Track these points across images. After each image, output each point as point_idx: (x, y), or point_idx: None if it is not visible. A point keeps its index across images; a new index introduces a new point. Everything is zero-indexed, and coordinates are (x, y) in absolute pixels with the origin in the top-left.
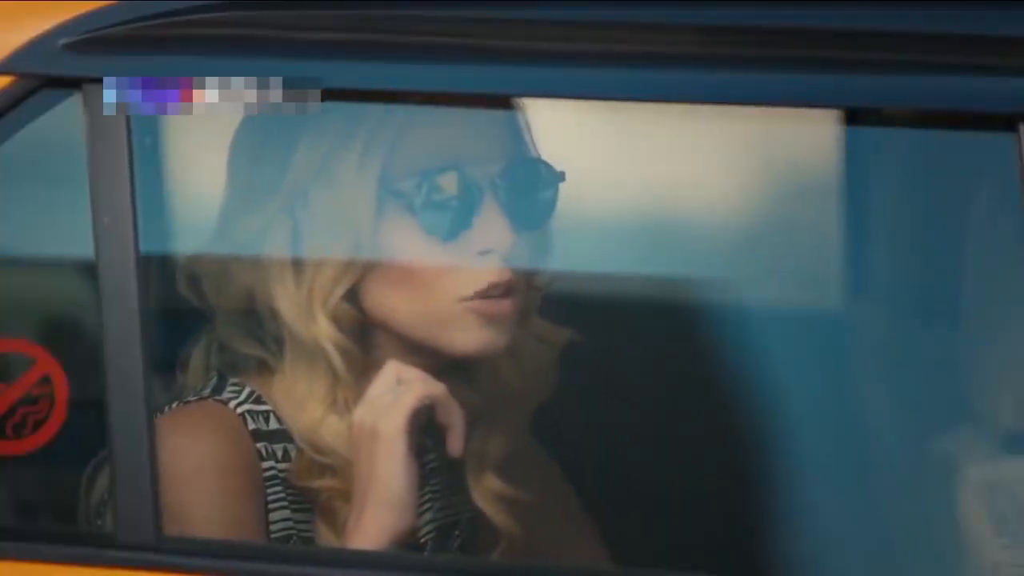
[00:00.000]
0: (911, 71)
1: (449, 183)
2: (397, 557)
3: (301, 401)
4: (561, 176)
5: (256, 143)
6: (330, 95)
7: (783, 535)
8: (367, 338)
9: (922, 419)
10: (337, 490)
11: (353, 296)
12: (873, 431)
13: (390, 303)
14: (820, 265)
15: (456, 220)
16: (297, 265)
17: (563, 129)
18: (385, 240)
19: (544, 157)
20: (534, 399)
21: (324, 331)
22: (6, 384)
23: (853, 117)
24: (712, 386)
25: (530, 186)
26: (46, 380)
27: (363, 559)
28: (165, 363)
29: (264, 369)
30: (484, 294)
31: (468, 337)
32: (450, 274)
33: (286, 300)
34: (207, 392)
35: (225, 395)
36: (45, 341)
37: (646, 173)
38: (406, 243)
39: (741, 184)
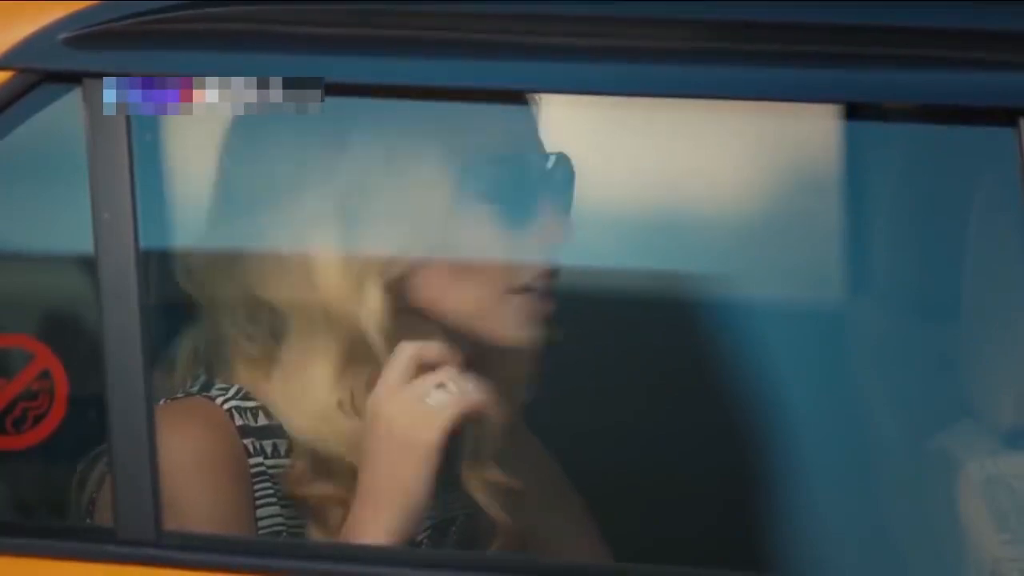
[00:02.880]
0: (911, 66)
1: (520, 173)
2: (395, 551)
3: (301, 395)
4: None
5: (301, 132)
6: (330, 91)
7: (783, 531)
8: (404, 325)
9: (922, 415)
10: (331, 497)
11: (398, 282)
12: (874, 427)
13: (439, 290)
14: (819, 260)
15: (524, 211)
16: (348, 251)
17: (564, 125)
18: (449, 227)
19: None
20: (526, 392)
21: (375, 307)
22: (6, 379)
23: (854, 112)
24: (712, 381)
25: (566, 182)
26: (46, 375)
27: (360, 554)
28: (164, 358)
29: (257, 365)
30: (533, 288)
31: (510, 330)
32: (506, 264)
33: (335, 282)
34: (195, 389)
35: (213, 392)
36: (45, 336)
37: (647, 169)
38: (472, 231)
39: (740, 180)
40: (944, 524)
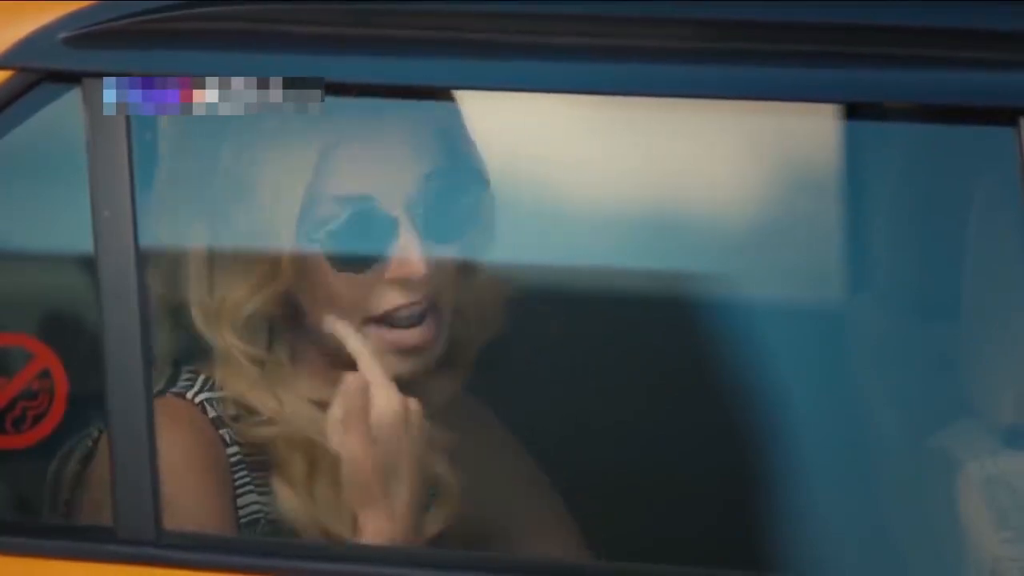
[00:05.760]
0: (912, 66)
1: (359, 222)
2: (394, 551)
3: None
4: (485, 182)
5: (188, 146)
6: (331, 90)
7: (784, 531)
8: (293, 336)
9: (923, 414)
10: (281, 435)
11: (278, 302)
12: (874, 426)
13: (310, 319)
14: (819, 260)
15: (369, 254)
16: (212, 276)
17: (564, 125)
18: (298, 266)
19: (473, 160)
20: (455, 382)
21: (231, 343)
22: (6, 379)
23: (854, 112)
24: (713, 381)
25: (450, 200)
26: (46, 375)
27: (360, 553)
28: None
29: (216, 355)
30: (395, 322)
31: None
32: (362, 303)
33: (198, 307)
34: (163, 386)
35: (180, 386)
36: (45, 336)
37: (647, 169)
38: (317, 274)
39: (740, 180)
40: (944, 523)
